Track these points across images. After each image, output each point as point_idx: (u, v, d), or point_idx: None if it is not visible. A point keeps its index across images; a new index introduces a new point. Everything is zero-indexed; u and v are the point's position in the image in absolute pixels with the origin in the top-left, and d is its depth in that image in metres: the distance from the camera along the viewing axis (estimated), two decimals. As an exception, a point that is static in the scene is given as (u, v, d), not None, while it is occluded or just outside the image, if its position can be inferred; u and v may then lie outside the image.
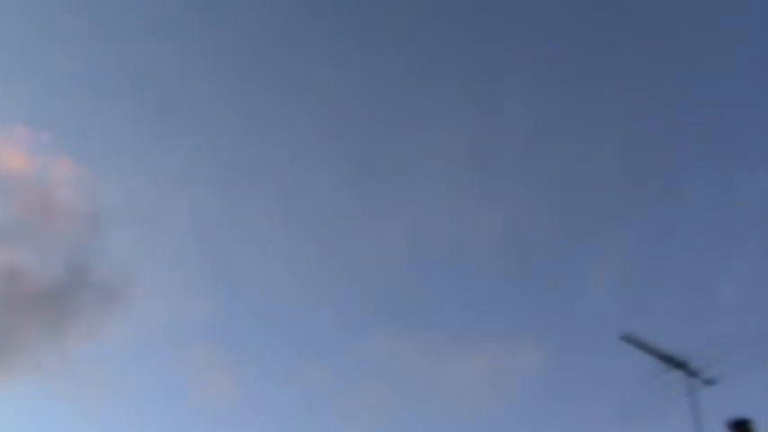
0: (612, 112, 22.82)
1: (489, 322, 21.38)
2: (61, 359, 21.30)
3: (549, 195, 22.41)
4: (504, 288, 21.70)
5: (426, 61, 23.84)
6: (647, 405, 9.75)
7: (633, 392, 10.18)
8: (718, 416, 9.72)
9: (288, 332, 22.95)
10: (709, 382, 9.78)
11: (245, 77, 24.61)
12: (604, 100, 22.91)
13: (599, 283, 20.62)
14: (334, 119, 24.17)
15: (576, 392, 18.42)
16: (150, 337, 22.44)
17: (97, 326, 23.10)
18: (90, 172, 24.15)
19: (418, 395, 20.20)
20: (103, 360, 22.67)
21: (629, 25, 23.39)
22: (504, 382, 20.11)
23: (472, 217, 22.70)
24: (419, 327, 21.77)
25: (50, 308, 22.31)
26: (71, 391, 21.32)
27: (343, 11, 24.36)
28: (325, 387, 21.15)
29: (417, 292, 22.70)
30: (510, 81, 23.17)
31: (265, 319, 22.98)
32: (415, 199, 23.10)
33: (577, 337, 19.16)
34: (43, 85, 24.65)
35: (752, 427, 9.45)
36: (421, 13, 24.52)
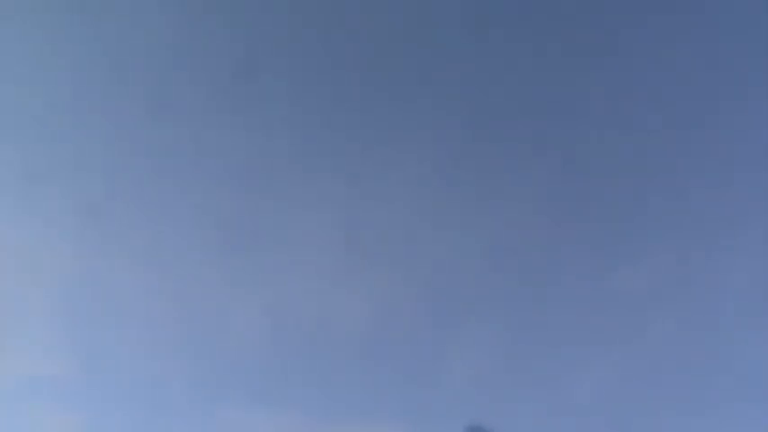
0: (490, 202, 23.68)
1: (350, 403, 21.27)
2: None
3: (418, 281, 22.82)
4: (369, 368, 21.71)
5: (303, 133, 24.17)
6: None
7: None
8: None
9: (142, 398, 22.10)
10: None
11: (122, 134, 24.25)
12: (483, 190, 23.76)
13: (462, 372, 20.96)
14: (205, 186, 24.05)
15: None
16: (2, 394, 21.15)
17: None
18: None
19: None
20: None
21: (511, 111, 24.54)
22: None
23: (339, 296, 22.80)
24: (278, 401, 21.42)
25: None
26: None
27: (222, 78, 24.56)
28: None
29: (278, 366, 22.42)
30: (389, 159, 23.71)
31: (121, 383, 22.10)
32: (283, 273, 23.05)
33: (438, 424, 19.28)
34: None
35: None
36: (298, 85, 24.98)
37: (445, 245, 22.90)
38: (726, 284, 21.27)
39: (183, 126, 24.07)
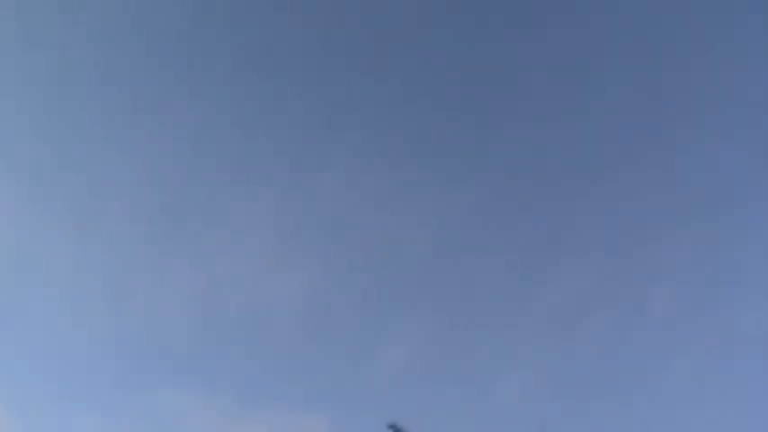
0: (430, 196, 23.91)
1: (281, 390, 21.28)
2: None
3: (354, 268, 22.93)
4: (299, 357, 21.75)
5: (247, 111, 24.00)
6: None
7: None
8: None
9: (69, 378, 21.70)
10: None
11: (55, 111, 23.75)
12: (426, 188, 23.98)
13: (393, 363, 21.14)
14: (145, 162, 23.72)
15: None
16: None
17: None
18: None
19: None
20: None
21: (448, 105, 24.77)
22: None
23: (274, 279, 22.74)
24: (208, 385, 21.29)
25: None
26: None
27: (159, 60, 24.23)
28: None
29: (209, 349, 22.29)
30: (335, 146, 23.74)
31: (47, 356, 21.69)
32: (218, 253, 22.89)
33: (368, 418, 19.37)
34: None
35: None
36: (242, 66, 24.82)
37: (384, 238, 23.06)
38: (650, 296, 21.92)
39: (127, 102, 23.65)
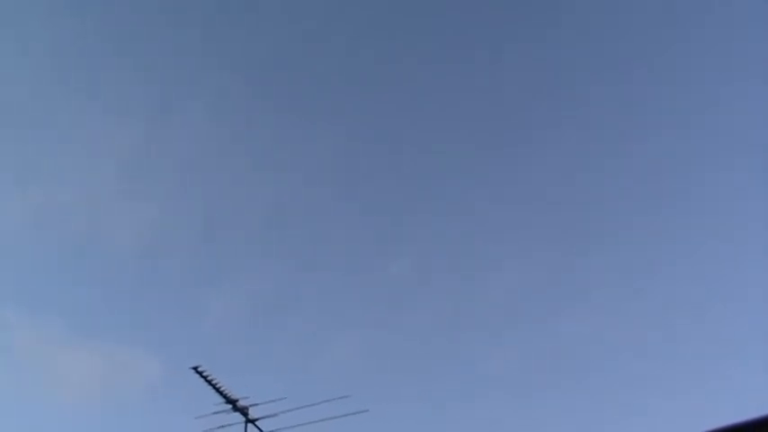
0: (281, 156, 22.96)
1: (112, 322, 20.50)
2: None
3: (199, 209, 22.09)
4: (133, 291, 21.02)
5: (109, 44, 22.57)
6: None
7: (199, 426, 10.02)
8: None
9: None
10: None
11: None
12: (274, 143, 22.97)
13: (225, 308, 20.44)
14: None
15: (174, 414, 17.57)
16: None
17: None
18: None
19: (24, 375, 18.71)
20: None
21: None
22: (113, 386, 19.23)
23: (116, 210, 21.79)
24: (36, 305, 20.42)
25: None
26: None
27: None
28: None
29: (40, 269, 21.40)
30: (197, 87, 22.52)
31: None
32: (61, 175, 21.85)
33: (182, 359, 18.58)
34: None
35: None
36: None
37: (233, 183, 22.11)
38: (490, 281, 21.16)
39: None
